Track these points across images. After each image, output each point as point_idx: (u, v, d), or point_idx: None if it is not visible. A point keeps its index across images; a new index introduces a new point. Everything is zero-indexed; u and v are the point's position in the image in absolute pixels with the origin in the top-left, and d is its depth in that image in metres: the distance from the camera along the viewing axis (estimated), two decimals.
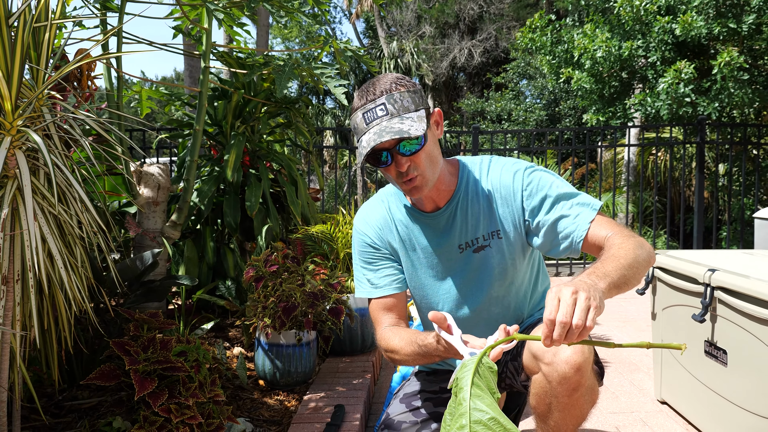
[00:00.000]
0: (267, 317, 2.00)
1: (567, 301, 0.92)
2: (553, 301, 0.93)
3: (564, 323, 0.91)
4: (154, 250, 2.00)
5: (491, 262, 1.45)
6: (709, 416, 1.90)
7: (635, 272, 1.15)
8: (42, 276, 1.24)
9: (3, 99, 1.24)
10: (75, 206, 1.43)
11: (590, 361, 1.27)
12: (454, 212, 1.45)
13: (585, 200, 1.35)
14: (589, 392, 1.33)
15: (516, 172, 1.41)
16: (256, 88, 3.14)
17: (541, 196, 1.37)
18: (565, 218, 1.34)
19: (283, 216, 3.26)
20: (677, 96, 5.71)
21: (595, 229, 1.31)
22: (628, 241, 1.21)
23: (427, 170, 1.32)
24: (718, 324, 1.80)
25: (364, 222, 1.55)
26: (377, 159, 1.30)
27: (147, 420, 1.53)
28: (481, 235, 1.44)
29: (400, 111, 1.27)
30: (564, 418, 1.33)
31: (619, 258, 1.14)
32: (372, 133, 1.26)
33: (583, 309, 0.91)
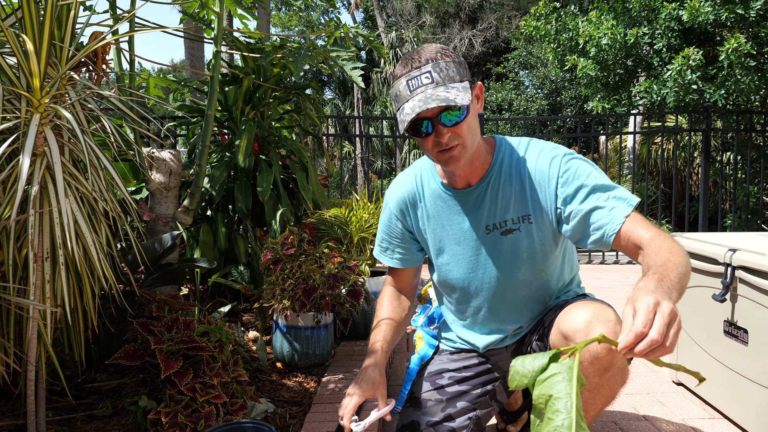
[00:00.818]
0: (286, 299, 2.01)
1: (664, 320, 0.85)
2: (649, 313, 0.86)
3: (656, 341, 0.83)
4: (173, 233, 2.00)
5: (520, 246, 1.43)
6: (728, 395, 1.91)
7: (686, 281, 1.11)
8: (75, 253, 1.24)
9: (32, 76, 1.23)
10: (99, 184, 1.43)
11: None
12: (484, 191, 1.43)
13: (622, 194, 1.31)
14: (620, 372, 1.33)
15: (554, 158, 1.38)
16: (266, 73, 3.12)
17: (577, 185, 1.33)
18: (600, 210, 1.30)
19: (293, 202, 3.26)
20: (684, 83, 5.70)
21: (630, 225, 1.26)
22: (676, 247, 1.16)
23: (468, 141, 1.30)
24: (739, 303, 1.80)
25: (392, 193, 1.58)
26: (417, 129, 1.29)
27: (173, 399, 1.53)
28: (511, 218, 1.42)
29: (446, 80, 1.25)
30: (593, 398, 1.34)
31: (678, 266, 1.09)
32: (417, 100, 1.24)
33: (676, 333, 0.85)
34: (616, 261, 5.49)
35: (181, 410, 1.50)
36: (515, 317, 1.53)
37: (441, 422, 1.48)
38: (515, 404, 1.87)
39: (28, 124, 1.25)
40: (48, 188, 1.28)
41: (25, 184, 1.18)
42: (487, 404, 1.53)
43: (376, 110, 22.81)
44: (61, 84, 1.41)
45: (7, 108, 1.30)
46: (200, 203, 2.93)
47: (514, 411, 1.86)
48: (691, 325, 2.11)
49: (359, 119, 5.88)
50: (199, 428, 1.48)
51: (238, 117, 3.10)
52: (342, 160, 6.65)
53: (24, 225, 1.34)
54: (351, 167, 19.90)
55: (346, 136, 5.73)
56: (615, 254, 5.68)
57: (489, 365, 1.59)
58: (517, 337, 1.57)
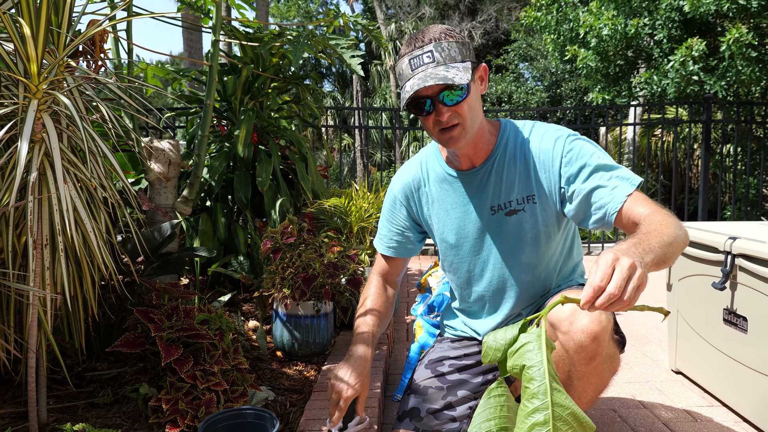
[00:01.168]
0: (286, 288, 2.01)
1: (623, 274, 0.86)
2: (608, 268, 0.88)
3: (613, 295, 0.85)
4: (172, 222, 1.99)
5: (524, 227, 1.44)
6: (727, 383, 1.92)
7: (674, 251, 1.11)
8: (74, 240, 1.24)
9: (29, 61, 1.22)
10: (98, 171, 1.42)
11: (608, 330, 1.27)
12: (489, 172, 1.44)
13: (624, 174, 1.32)
14: (609, 361, 1.34)
15: (558, 138, 1.38)
16: (265, 63, 3.11)
17: (580, 164, 1.34)
18: (602, 189, 1.31)
19: (293, 192, 3.25)
20: (686, 74, 5.68)
21: (632, 204, 1.26)
22: (669, 219, 1.17)
23: (468, 121, 1.31)
24: (739, 291, 1.81)
25: (398, 180, 1.60)
26: (419, 107, 1.31)
27: (173, 386, 1.54)
28: (515, 198, 1.43)
29: (447, 60, 1.27)
30: (584, 386, 1.35)
31: (662, 235, 1.10)
32: (417, 79, 1.26)
33: (635, 288, 0.86)
34: None
35: (181, 397, 1.51)
36: (517, 303, 1.54)
37: (441, 410, 1.48)
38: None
39: (26, 110, 1.24)
40: (47, 175, 1.28)
41: (23, 171, 1.17)
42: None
43: (376, 103, 22.73)
44: (59, 70, 1.40)
45: (5, 94, 1.29)
46: (199, 193, 2.92)
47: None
48: (691, 314, 2.11)
49: (358, 110, 5.86)
50: (200, 415, 1.48)
51: (237, 107, 3.09)
52: (341, 153, 6.64)
53: (23, 212, 1.33)
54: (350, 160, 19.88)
55: (345, 127, 5.71)
56: (614, 245, 5.67)
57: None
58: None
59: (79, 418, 1.62)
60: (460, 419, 1.46)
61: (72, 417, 1.62)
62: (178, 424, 1.46)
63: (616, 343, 1.39)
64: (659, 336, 2.81)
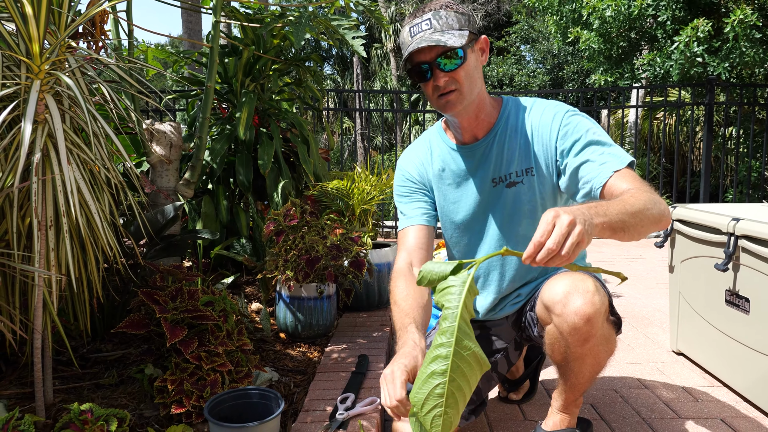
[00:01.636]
0: (289, 270, 2.01)
1: (561, 231, 0.90)
2: (548, 225, 0.91)
3: (551, 250, 0.90)
4: (175, 204, 1.99)
5: (522, 199, 1.46)
6: (728, 364, 1.93)
7: (638, 222, 1.11)
8: (79, 221, 1.24)
9: (31, 41, 1.21)
10: (102, 152, 1.42)
11: (602, 312, 1.28)
12: (491, 144, 1.47)
13: (616, 151, 1.33)
14: (604, 342, 1.35)
15: (556, 113, 1.42)
16: (266, 44, 3.08)
17: (574, 138, 1.37)
18: (591, 163, 1.33)
19: (294, 175, 3.25)
20: (690, 55, 5.64)
21: (617, 180, 1.27)
22: (643, 194, 1.17)
23: (465, 87, 1.35)
24: (741, 272, 1.81)
25: (405, 158, 1.61)
26: (420, 73, 1.35)
27: (178, 367, 1.55)
28: (515, 170, 1.45)
29: (444, 27, 1.32)
30: (580, 368, 1.37)
31: (626, 203, 1.11)
32: (414, 43, 1.32)
33: (573, 243, 0.90)
34: None
35: (187, 378, 1.52)
36: (513, 279, 1.55)
37: None
38: (517, 373, 1.89)
39: (29, 90, 1.23)
40: (50, 156, 1.27)
41: (27, 152, 1.17)
42: (488, 375, 1.54)
43: (376, 86, 22.59)
44: (61, 51, 1.39)
45: (7, 75, 1.28)
46: (201, 176, 2.92)
47: (516, 379, 1.88)
48: (693, 295, 2.12)
49: (359, 93, 5.82)
50: (205, 395, 1.49)
51: (238, 89, 3.07)
52: (342, 136, 6.62)
53: (27, 193, 1.33)
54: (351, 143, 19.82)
55: (346, 110, 5.68)
56: None
57: (490, 336, 1.60)
58: (516, 306, 1.59)
59: (85, 398, 1.63)
60: None
61: (78, 397, 1.63)
62: (184, 404, 1.47)
63: (612, 325, 1.40)
64: (660, 318, 2.82)
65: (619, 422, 1.73)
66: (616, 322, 1.42)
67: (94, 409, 1.23)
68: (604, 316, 1.32)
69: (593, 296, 1.26)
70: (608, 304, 1.36)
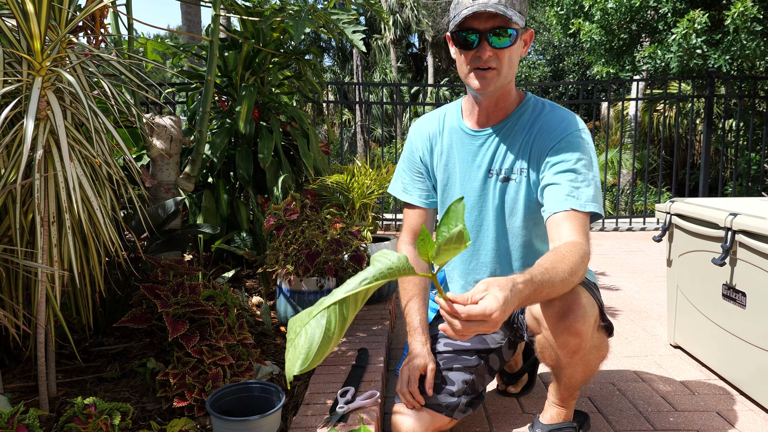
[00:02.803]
0: (289, 264, 2.02)
1: (478, 329, 0.96)
2: (477, 308, 0.94)
3: (462, 334, 0.96)
4: (176, 198, 2.00)
5: (513, 197, 1.47)
6: (725, 357, 1.95)
7: (552, 294, 1.17)
8: (81, 217, 1.25)
9: (33, 38, 1.22)
10: (103, 148, 1.43)
11: (591, 324, 1.29)
12: (497, 136, 1.47)
13: (587, 193, 1.32)
14: (595, 350, 1.37)
15: (565, 127, 1.40)
16: (266, 38, 3.08)
17: (563, 158, 1.36)
18: (559, 188, 1.33)
19: (294, 169, 3.25)
20: (689, 47, 5.62)
21: (564, 220, 1.28)
22: (566, 263, 1.17)
23: (504, 69, 1.35)
24: (738, 267, 1.82)
25: (417, 129, 1.62)
26: (465, 40, 1.33)
27: (180, 361, 1.56)
28: (511, 167, 1.46)
29: (508, 4, 1.30)
30: (572, 373, 1.40)
31: (555, 288, 1.14)
32: (477, 5, 1.29)
33: (477, 332, 0.97)
34: (616, 228, 5.51)
35: (188, 372, 1.53)
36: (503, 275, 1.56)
37: (439, 384, 1.51)
38: (515, 366, 1.91)
39: (30, 87, 1.24)
40: (52, 152, 1.28)
41: (29, 149, 1.18)
42: (482, 371, 1.56)
43: (376, 77, 22.52)
44: (62, 47, 1.39)
45: (8, 72, 1.29)
46: (201, 170, 2.93)
47: (514, 373, 1.90)
48: (690, 289, 2.14)
49: (359, 86, 5.82)
50: (207, 389, 1.51)
51: (237, 83, 3.07)
52: (342, 128, 6.61)
53: (29, 189, 1.34)
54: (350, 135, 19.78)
55: (346, 103, 5.68)
56: (614, 221, 5.70)
57: (483, 335, 1.61)
58: None
59: (88, 392, 1.65)
60: (458, 394, 1.49)
61: (81, 391, 1.65)
62: (186, 397, 1.49)
63: (603, 330, 1.41)
64: (658, 311, 2.84)
65: (616, 415, 1.75)
66: (607, 327, 1.43)
67: (97, 403, 1.25)
68: (594, 327, 1.33)
69: (583, 310, 1.27)
70: (599, 312, 1.37)
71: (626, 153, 10.34)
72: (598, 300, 1.41)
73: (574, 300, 1.27)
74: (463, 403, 1.49)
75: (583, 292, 1.31)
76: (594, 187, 1.34)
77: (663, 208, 2.26)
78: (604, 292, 3.22)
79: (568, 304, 1.26)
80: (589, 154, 1.39)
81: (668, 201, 2.25)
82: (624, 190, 10.86)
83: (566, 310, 1.26)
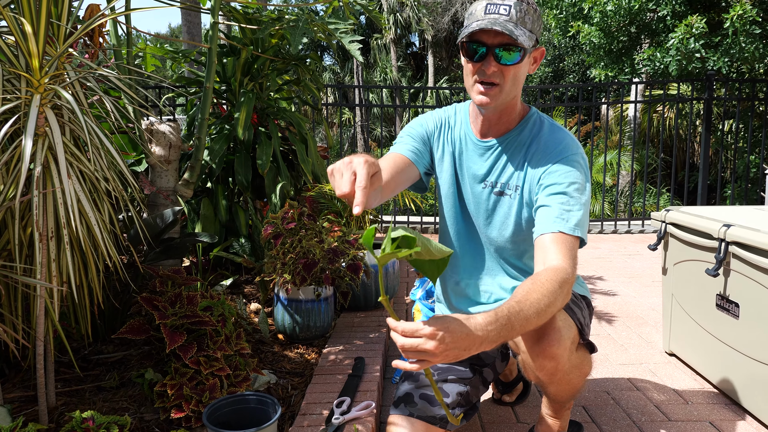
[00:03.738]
0: (287, 273, 2.04)
1: (421, 353, 0.97)
2: (431, 338, 0.96)
3: (403, 350, 0.97)
4: (174, 208, 2.02)
5: (506, 212, 1.49)
6: (718, 367, 1.96)
7: (528, 327, 1.14)
8: (79, 232, 1.26)
9: (31, 56, 1.23)
10: (101, 162, 1.44)
11: (566, 346, 1.29)
12: (497, 149, 1.48)
13: (576, 217, 1.31)
14: (576, 369, 1.38)
15: (561, 150, 1.40)
16: (264, 44, 3.09)
17: (556, 180, 1.36)
18: (549, 210, 1.33)
19: (293, 174, 3.27)
20: (687, 51, 5.63)
21: (552, 242, 1.28)
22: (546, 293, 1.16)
23: (507, 86, 1.34)
24: (731, 278, 1.84)
25: (431, 113, 1.62)
26: (472, 51, 1.33)
27: (178, 372, 1.58)
28: (507, 182, 1.47)
29: (519, 22, 1.29)
30: (556, 390, 1.42)
31: (530, 321, 1.12)
32: (486, 21, 1.29)
33: (420, 357, 0.97)
34: (615, 230, 5.53)
35: (186, 383, 1.55)
36: (491, 291, 1.58)
37: (433, 396, 1.52)
38: (510, 375, 1.92)
39: (29, 104, 1.25)
40: (51, 168, 1.30)
41: (28, 166, 1.19)
42: (476, 383, 1.57)
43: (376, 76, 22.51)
44: (60, 63, 1.41)
45: (8, 88, 1.31)
46: (200, 176, 2.94)
47: (509, 382, 1.91)
48: (685, 298, 2.15)
49: (359, 88, 5.82)
50: (204, 400, 1.52)
51: (236, 89, 3.09)
52: (341, 128, 6.62)
53: (28, 204, 1.36)
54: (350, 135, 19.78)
55: (346, 105, 5.69)
56: (613, 224, 5.71)
57: None
58: None
59: (87, 401, 1.67)
60: (452, 406, 1.50)
61: (80, 400, 1.66)
62: (183, 408, 1.50)
63: (584, 348, 1.42)
64: (655, 317, 2.85)
65: (609, 425, 1.77)
66: (588, 345, 1.44)
67: (95, 416, 1.27)
68: (571, 348, 1.33)
69: (558, 333, 1.27)
70: (577, 333, 1.37)
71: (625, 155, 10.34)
72: (577, 320, 1.40)
73: (548, 324, 1.27)
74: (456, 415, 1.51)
75: (559, 314, 1.30)
76: (584, 213, 1.34)
77: (658, 216, 2.27)
78: (601, 297, 3.24)
79: (543, 328, 1.27)
80: (583, 179, 1.38)
81: (664, 210, 2.27)
82: (623, 192, 10.87)
83: (541, 333, 1.27)
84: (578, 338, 1.38)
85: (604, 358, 2.32)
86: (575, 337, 1.35)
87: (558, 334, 1.27)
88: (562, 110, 12.41)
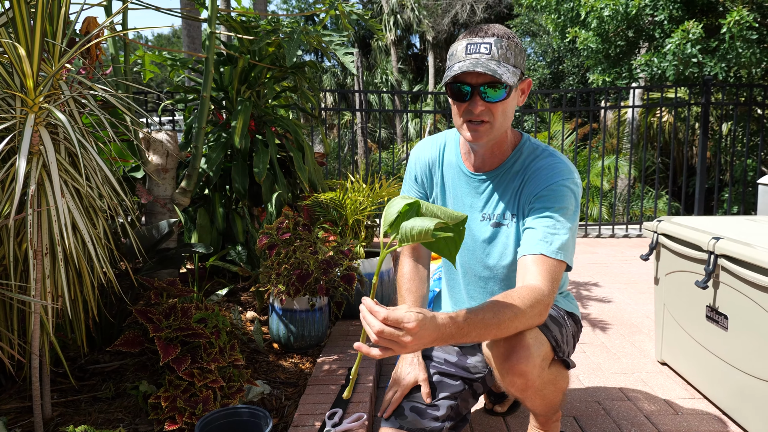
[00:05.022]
0: (281, 284, 2.06)
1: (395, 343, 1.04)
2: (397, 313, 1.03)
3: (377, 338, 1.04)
4: (170, 219, 2.04)
5: (503, 242, 1.49)
6: (708, 377, 1.98)
7: (486, 336, 1.20)
8: (71, 249, 1.28)
9: (25, 77, 1.25)
10: (96, 179, 1.46)
11: (536, 363, 1.30)
12: (492, 182, 1.49)
13: (560, 240, 1.33)
14: (550, 384, 1.39)
15: (552, 176, 1.40)
16: (262, 52, 3.11)
17: (545, 205, 1.38)
18: (535, 233, 1.35)
19: (290, 181, 3.29)
20: (684, 56, 5.65)
21: (532, 264, 1.30)
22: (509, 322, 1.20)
23: (497, 122, 1.35)
24: (720, 290, 1.86)
25: (417, 156, 1.65)
26: (458, 92, 1.33)
27: (172, 384, 1.60)
28: (503, 212, 1.48)
29: (501, 58, 1.30)
30: (532, 405, 1.45)
31: (489, 329, 1.17)
32: (467, 62, 1.29)
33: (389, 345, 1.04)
34: (612, 235, 5.54)
35: (180, 395, 1.57)
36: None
37: (425, 409, 1.54)
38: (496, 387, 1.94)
39: (24, 124, 1.27)
40: (45, 186, 1.32)
41: (21, 186, 1.21)
42: (466, 396, 1.59)
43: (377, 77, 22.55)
44: (55, 80, 1.43)
45: (3, 107, 1.33)
46: (197, 184, 2.96)
47: (501, 392, 1.93)
48: (676, 308, 2.17)
49: (360, 93, 5.85)
50: (197, 412, 1.54)
51: (234, 97, 3.11)
52: (341, 130, 6.64)
53: (23, 221, 1.38)
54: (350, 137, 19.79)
55: (345, 110, 5.71)
56: (611, 228, 5.73)
57: (467, 362, 1.63)
58: None
59: (83, 412, 1.69)
60: (442, 419, 1.52)
61: (75, 411, 1.68)
62: (177, 420, 1.52)
63: (559, 364, 1.43)
64: (648, 325, 2.87)
65: None
66: (564, 361, 1.45)
67: (89, 431, 1.29)
68: (542, 365, 1.34)
69: (527, 350, 1.28)
70: (550, 350, 1.38)
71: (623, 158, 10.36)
72: (552, 337, 1.41)
73: (518, 341, 1.28)
74: (447, 428, 1.52)
75: (530, 332, 1.31)
76: (569, 237, 1.35)
77: (650, 227, 2.29)
78: (596, 304, 3.26)
79: (512, 345, 1.29)
80: (571, 204, 1.39)
81: (656, 220, 2.28)
82: (621, 195, 10.89)
83: (510, 350, 1.29)
84: (551, 355, 1.39)
85: (596, 367, 2.34)
86: (547, 354, 1.35)
87: (527, 352, 1.28)
88: (560, 114, 12.43)
